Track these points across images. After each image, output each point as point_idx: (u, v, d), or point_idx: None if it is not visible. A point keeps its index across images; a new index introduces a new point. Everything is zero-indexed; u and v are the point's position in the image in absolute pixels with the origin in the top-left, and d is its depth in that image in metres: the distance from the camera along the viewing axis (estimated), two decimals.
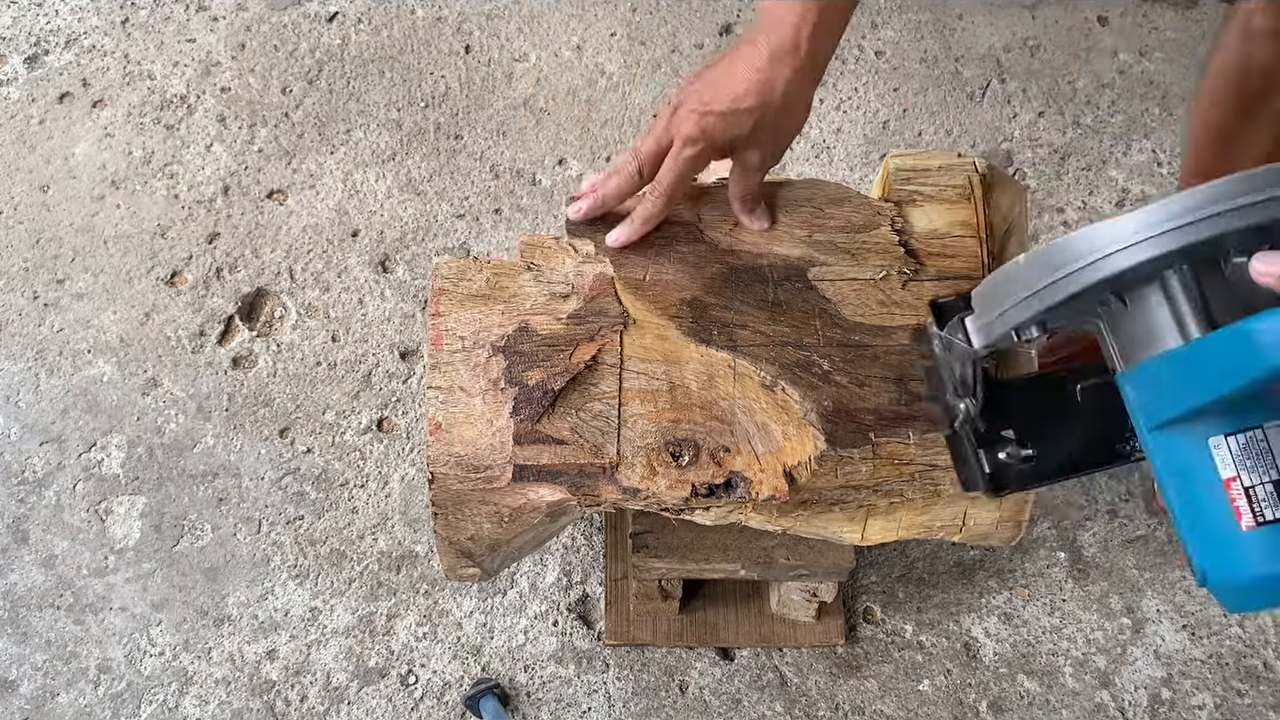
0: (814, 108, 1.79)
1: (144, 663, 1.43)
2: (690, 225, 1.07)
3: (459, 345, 1.01)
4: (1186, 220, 0.72)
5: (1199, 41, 1.87)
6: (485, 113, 1.79)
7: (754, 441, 0.99)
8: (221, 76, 1.81)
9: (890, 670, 1.43)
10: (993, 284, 0.85)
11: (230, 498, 1.51)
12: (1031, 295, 0.79)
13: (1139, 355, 0.79)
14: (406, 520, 1.50)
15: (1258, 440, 0.74)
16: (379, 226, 1.70)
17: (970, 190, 1.07)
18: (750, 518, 1.05)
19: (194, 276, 1.65)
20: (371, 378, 1.59)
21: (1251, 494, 0.74)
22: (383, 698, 1.41)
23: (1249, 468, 0.74)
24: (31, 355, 1.59)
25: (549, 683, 1.42)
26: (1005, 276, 0.83)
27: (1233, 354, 0.70)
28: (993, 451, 0.94)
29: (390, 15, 1.87)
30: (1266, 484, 0.74)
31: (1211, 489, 0.75)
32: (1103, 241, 0.75)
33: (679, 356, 1.01)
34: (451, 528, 1.03)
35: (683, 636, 1.42)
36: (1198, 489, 0.77)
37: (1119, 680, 1.43)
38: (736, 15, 1.88)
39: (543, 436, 0.99)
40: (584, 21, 1.88)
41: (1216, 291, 0.75)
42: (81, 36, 1.84)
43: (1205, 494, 0.76)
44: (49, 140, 1.75)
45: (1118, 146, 1.78)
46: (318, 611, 1.45)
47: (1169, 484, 0.79)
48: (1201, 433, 0.76)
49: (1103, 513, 1.52)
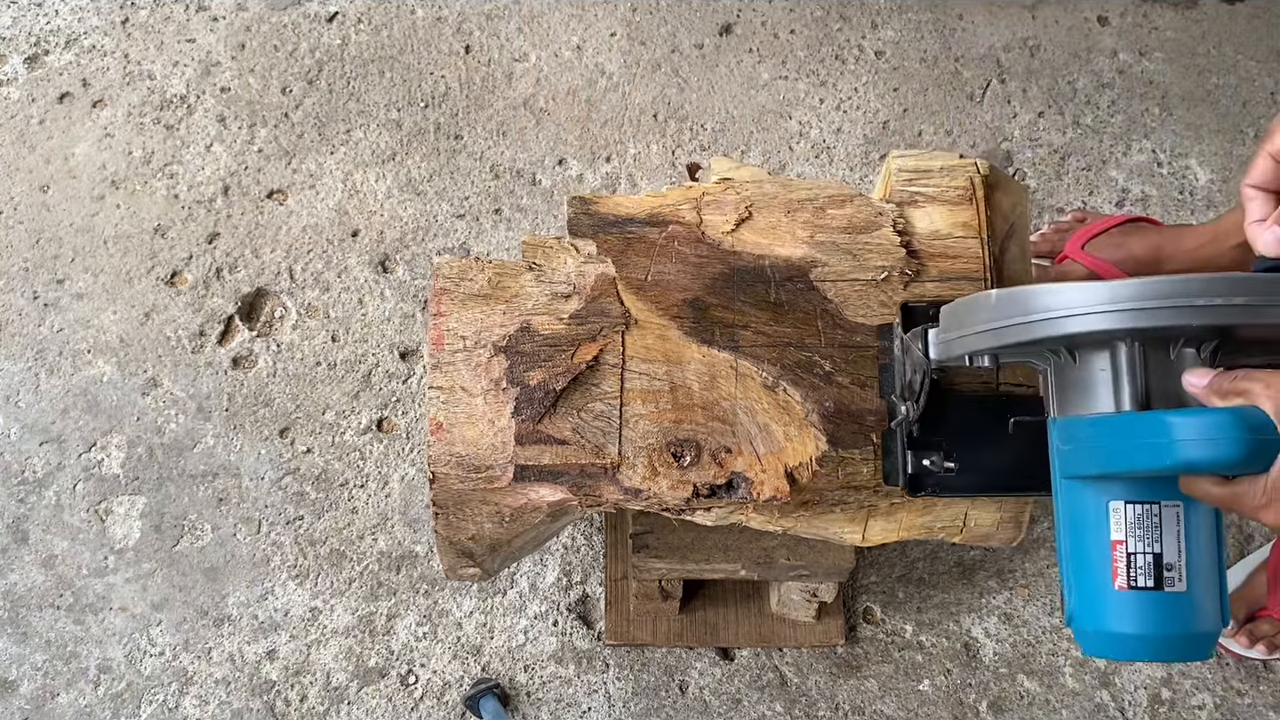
0: (814, 108, 1.80)
1: (144, 663, 1.42)
2: (692, 225, 1.07)
3: (460, 345, 1.01)
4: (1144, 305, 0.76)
5: (1199, 41, 1.87)
6: (485, 113, 1.79)
7: (755, 442, 0.99)
8: (221, 76, 1.81)
9: (890, 670, 1.43)
10: (962, 307, 0.88)
11: (230, 498, 1.51)
12: (992, 329, 0.83)
13: (1073, 409, 0.84)
14: (406, 520, 1.50)
15: (1151, 514, 0.81)
16: (379, 226, 1.69)
17: (972, 191, 1.07)
18: (751, 518, 1.05)
19: (194, 276, 1.65)
20: (371, 378, 1.59)
21: (1131, 560, 0.81)
22: (383, 698, 1.41)
23: (1137, 536, 0.81)
24: (31, 355, 1.59)
25: (549, 683, 1.42)
26: (974, 305, 0.86)
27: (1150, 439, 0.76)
28: (919, 456, 0.98)
29: (390, 15, 1.87)
30: (1147, 555, 0.80)
31: (1100, 545, 0.82)
32: (1066, 302, 0.78)
33: (681, 357, 1.01)
34: (452, 527, 1.03)
35: (683, 636, 1.42)
36: (1088, 541, 0.83)
37: (1119, 680, 1.43)
38: (736, 15, 1.88)
39: (544, 436, 0.99)
40: (584, 21, 1.88)
41: (1158, 373, 0.80)
42: (81, 36, 1.84)
43: (1093, 547, 0.82)
44: (49, 140, 1.75)
45: (1118, 146, 1.78)
46: (318, 611, 1.45)
47: (1065, 529, 0.85)
48: (1106, 493, 0.82)
49: None
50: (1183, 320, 0.75)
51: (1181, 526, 0.80)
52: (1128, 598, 0.80)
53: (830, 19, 1.89)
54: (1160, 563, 0.80)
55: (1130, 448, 0.77)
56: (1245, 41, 1.87)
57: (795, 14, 1.89)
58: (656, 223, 1.07)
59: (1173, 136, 1.79)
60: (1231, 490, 0.74)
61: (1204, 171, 1.76)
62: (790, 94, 1.82)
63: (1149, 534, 0.80)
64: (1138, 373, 0.79)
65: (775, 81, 1.83)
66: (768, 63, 1.85)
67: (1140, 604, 0.80)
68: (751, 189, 1.09)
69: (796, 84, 1.83)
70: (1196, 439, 0.72)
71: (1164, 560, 0.80)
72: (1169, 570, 0.80)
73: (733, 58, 1.85)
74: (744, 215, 1.07)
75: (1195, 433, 0.73)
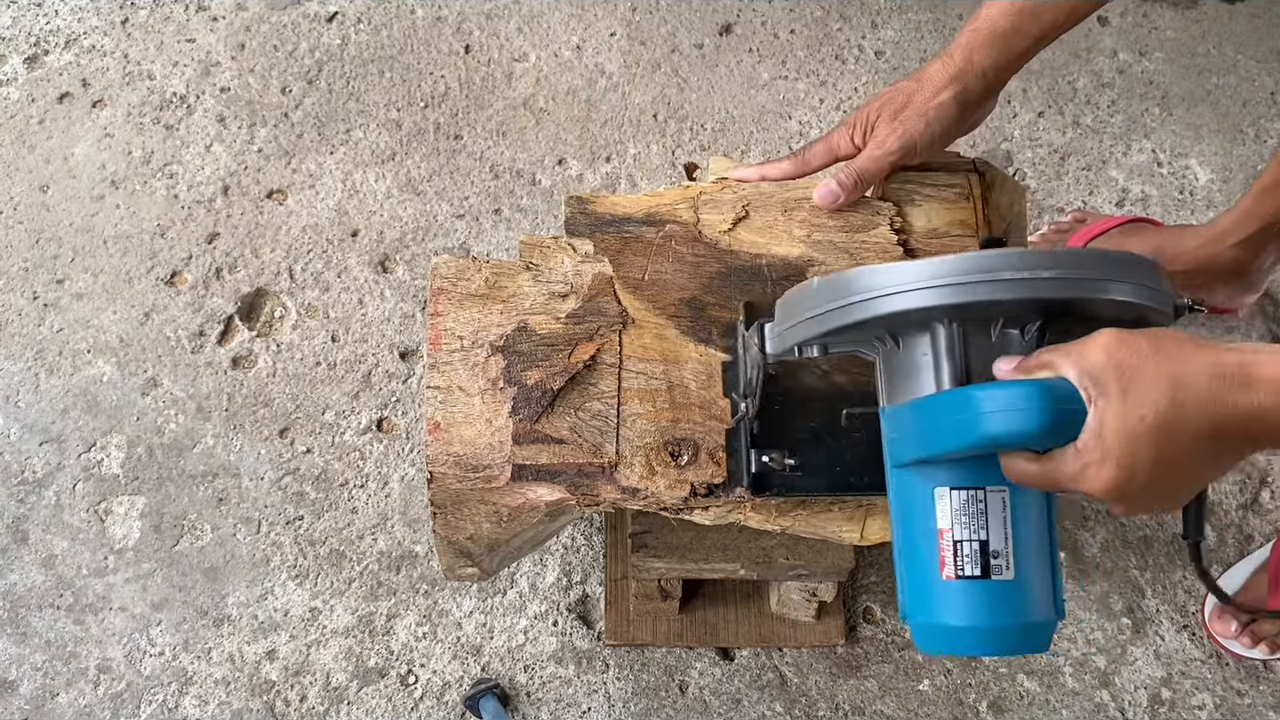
0: (814, 108, 1.80)
1: (144, 663, 1.43)
2: (689, 225, 1.07)
3: (458, 345, 1.01)
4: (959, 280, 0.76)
5: (1199, 41, 1.87)
6: (485, 113, 1.79)
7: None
8: (221, 76, 1.81)
9: (890, 670, 1.43)
10: (791, 298, 0.87)
11: (230, 498, 1.51)
12: (815, 317, 0.82)
13: (900, 396, 0.83)
14: (406, 520, 1.50)
15: (977, 500, 0.79)
16: (379, 226, 1.70)
17: (969, 190, 1.07)
18: (749, 517, 1.05)
19: (194, 276, 1.65)
20: (371, 378, 1.59)
21: (958, 548, 0.79)
22: (383, 698, 1.41)
23: (964, 523, 0.79)
24: (31, 355, 1.59)
25: (549, 683, 1.42)
26: (799, 294, 0.85)
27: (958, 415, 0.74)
28: (761, 454, 0.97)
29: (390, 15, 1.87)
30: (974, 542, 0.79)
31: (928, 534, 0.80)
32: (884, 281, 0.78)
33: (678, 356, 1.01)
34: (450, 527, 1.03)
35: (683, 636, 1.42)
36: (916, 531, 0.82)
37: (1119, 680, 1.43)
38: (736, 15, 1.88)
39: (542, 436, 0.99)
40: (584, 21, 1.88)
41: (979, 355, 0.79)
42: (81, 36, 1.84)
43: (921, 538, 0.81)
44: (49, 140, 1.75)
45: (1118, 146, 1.78)
46: (317, 611, 1.45)
47: (897, 521, 0.84)
48: (931, 480, 0.80)
49: (1102, 513, 1.52)
50: (994, 295, 0.75)
51: (1008, 512, 0.79)
52: (955, 588, 0.79)
53: (830, 19, 1.88)
54: (986, 550, 0.78)
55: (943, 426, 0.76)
56: (1245, 41, 1.87)
57: (795, 14, 1.89)
58: (654, 222, 1.07)
59: (1173, 136, 1.79)
60: (1044, 466, 0.73)
61: (1204, 171, 1.75)
62: (790, 94, 1.82)
63: (975, 521, 0.79)
64: (956, 353, 0.79)
65: (775, 81, 1.83)
66: (768, 63, 1.85)
67: (968, 594, 0.79)
68: (749, 188, 1.09)
69: (796, 84, 1.83)
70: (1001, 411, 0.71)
71: (990, 547, 0.78)
72: (995, 558, 0.78)
73: (733, 58, 1.85)
74: (741, 215, 1.07)
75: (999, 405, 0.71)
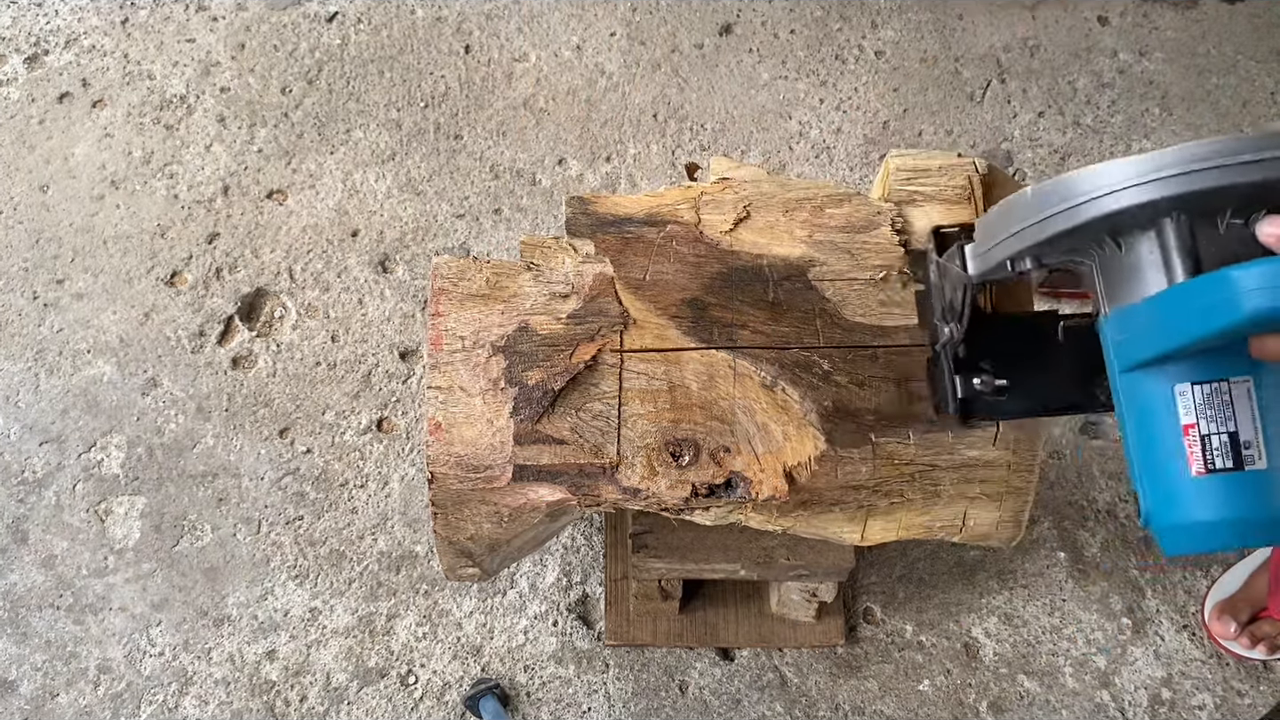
0: (814, 108, 1.80)
1: (144, 663, 1.42)
2: (690, 225, 1.07)
3: (459, 345, 1.01)
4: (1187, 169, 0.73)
5: (1199, 41, 1.87)
6: (485, 113, 1.79)
7: (754, 441, 0.99)
8: (221, 76, 1.81)
9: (890, 670, 1.43)
10: (996, 213, 0.86)
11: (230, 498, 1.51)
12: (1031, 226, 0.81)
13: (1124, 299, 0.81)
14: (406, 520, 1.50)
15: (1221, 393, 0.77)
16: (379, 226, 1.69)
17: (970, 190, 1.07)
18: (750, 518, 1.05)
19: (194, 276, 1.65)
20: (371, 378, 1.59)
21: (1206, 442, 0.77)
22: (383, 698, 1.41)
23: (1209, 417, 0.77)
24: (31, 355, 1.59)
25: (549, 683, 1.42)
26: (1009, 206, 0.84)
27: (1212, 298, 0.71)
28: (968, 378, 0.96)
29: (390, 15, 1.87)
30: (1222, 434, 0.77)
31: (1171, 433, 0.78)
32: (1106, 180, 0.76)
33: (679, 356, 1.01)
34: (451, 527, 1.02)
35: (683, 637, 1.42)
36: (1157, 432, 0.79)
37: (1119, 680, 1.43)
38: (736, 15, 1.88)
39: (543, 436, 0.99)
40: (584, 21, 1.88)
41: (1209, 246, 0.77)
42: (81, 36, 1.84)
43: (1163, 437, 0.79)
44: (49, 140, 1.75)
45: (1118, 146, 1.78)
46: (317, 612, 1.45)
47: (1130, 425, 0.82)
48: (1170, 377, 0.78)
49: (1102, 513, 1.52)
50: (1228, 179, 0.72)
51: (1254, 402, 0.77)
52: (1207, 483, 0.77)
53: (830, 19, 1.88)
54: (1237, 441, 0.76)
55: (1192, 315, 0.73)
56: (1245, 41, 1.87)
57: (795, 14, 1.89)
58: (655, 222, 1.07)
59: (1173, 136, 1.78)
60: None
61: None
62: (790, 94, 1.82)
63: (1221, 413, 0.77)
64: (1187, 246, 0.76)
65: (775, 81, 1.83)
66: (768, 63, 1.85)
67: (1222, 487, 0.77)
68: (750, 189, 1.09)
69: (796, 84, 1.83)
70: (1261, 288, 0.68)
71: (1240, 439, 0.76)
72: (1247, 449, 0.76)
73: (733, 58, 1.85)
74: (742, 215, 1.07)
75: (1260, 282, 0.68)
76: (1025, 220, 0.81)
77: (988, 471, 1.04)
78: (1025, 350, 0.97)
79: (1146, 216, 0.77)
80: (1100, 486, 1.54)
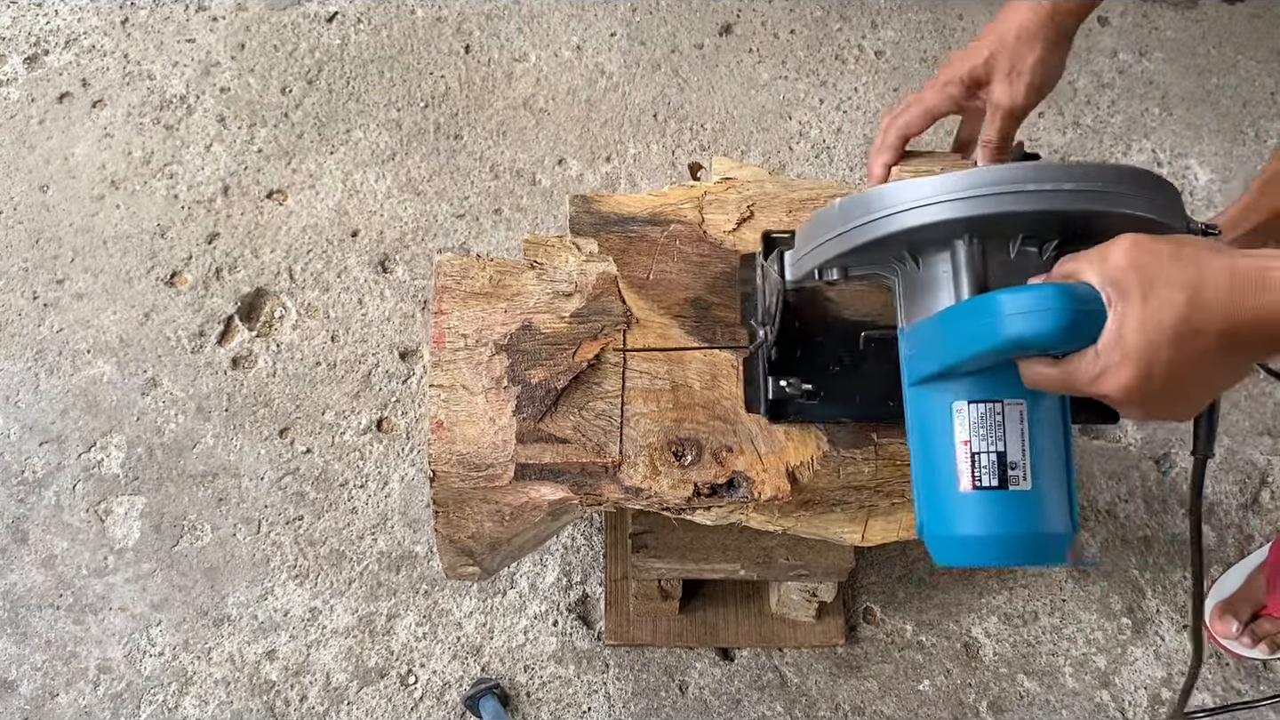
0: (814, 108, 1.80)
1: (144, 663, 1.42)
2: (693, 224, 1.07)
3: (462, 343, 1.01)
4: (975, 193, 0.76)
5: (1199, 41, 1.87)
6: (485, 113, 1.79)
7: (757, 441, 0.99)
8: (221, 76, 1.81)
9: (890, 670, 1.43)
10: (812, 222, 0.88)
11: (230, 498, 1.51)
12: (837, 237, 0.83)
13: (919, 313, 0.84)
14: (406, 520, 1.50)
15: (995, 413, 0.80)
16: (379, 226, 1.69)
17: None
18: (751, 518, 1.05)
19: (194, 276, 1.65)
20: (371, 378, 1.59)
21: (976, 460, 0.80)
22: (383, 698, 1.41)
23: (981, 435, 0.80)
24: (31, 355, 1.59)
25: (549, 683, 1.42)
26: (822, 217, 0.86)
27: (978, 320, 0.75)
28: (779, 381, 0.97)
29: (390, 15, 1.87)
30: (991, 453, 0.80)
31: (946, 448, 0.82)
32: (903, 198, 0.79)
33: (682, 356, 1.01)
34: (452, 526, 1.02)
35: (683, 637, 1.42)
36: (935, 446, 0.83)
37: (1119, 680, 1.43)
38: (736, 15, 1.88)
39: (545, 435, 0.98)
40: (584, 21, 1.88)
41: (998, 271, 0.80)
42: (81, 36, 1.84)
43: (940, 452, 0.82)
44: (49, 140, 1.75)
45: (1118, 146, 1.78)
46: (317, 612, 1.45)
47: (914, 438, 0.85)
48: (950, 394, 0.81)
49: (1103, 513, 1.52)
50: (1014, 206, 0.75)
51: (1025, 424, 0.80)
52: (974, 498, 0.80)
53: (830, 19, 1.89)
54: (1004, 461, 0.79)
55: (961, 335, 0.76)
56: (1245, 41, 1.87)
57: (795, 14, 1.89)
58: (658, 222, 1.07)
59: (1173, 136, 1.79)
60: (1064, 369, 0.73)
61: (1204, 171, 1.76)
62: (790, 94, 1.82)
63: (992, 433, 0.80)
64: (976, 268, 0.79)
65: (775, 81, 1.83)
66: (768, 63, 1.85)
67: (986, 504, 0.80)
68: (753, 188, 1.09)
69: (796, 84, 1.83)
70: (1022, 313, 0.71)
71: (1008, 459, 0.79)
72: (1013, 469, 0.79)
73: (733, 58, 1.85)
74: (746, 214, 1.07)
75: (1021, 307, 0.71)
76: (832, 231, 0.83)
77: None
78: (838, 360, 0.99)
79: (941, 236, 0.80)
80: (1100, 487, 1.54)
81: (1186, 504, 1.51)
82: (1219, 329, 0.67)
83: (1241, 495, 1.53)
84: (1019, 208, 0.76)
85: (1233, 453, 1.55)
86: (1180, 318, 0.67)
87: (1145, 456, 1.55)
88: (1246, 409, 1.58)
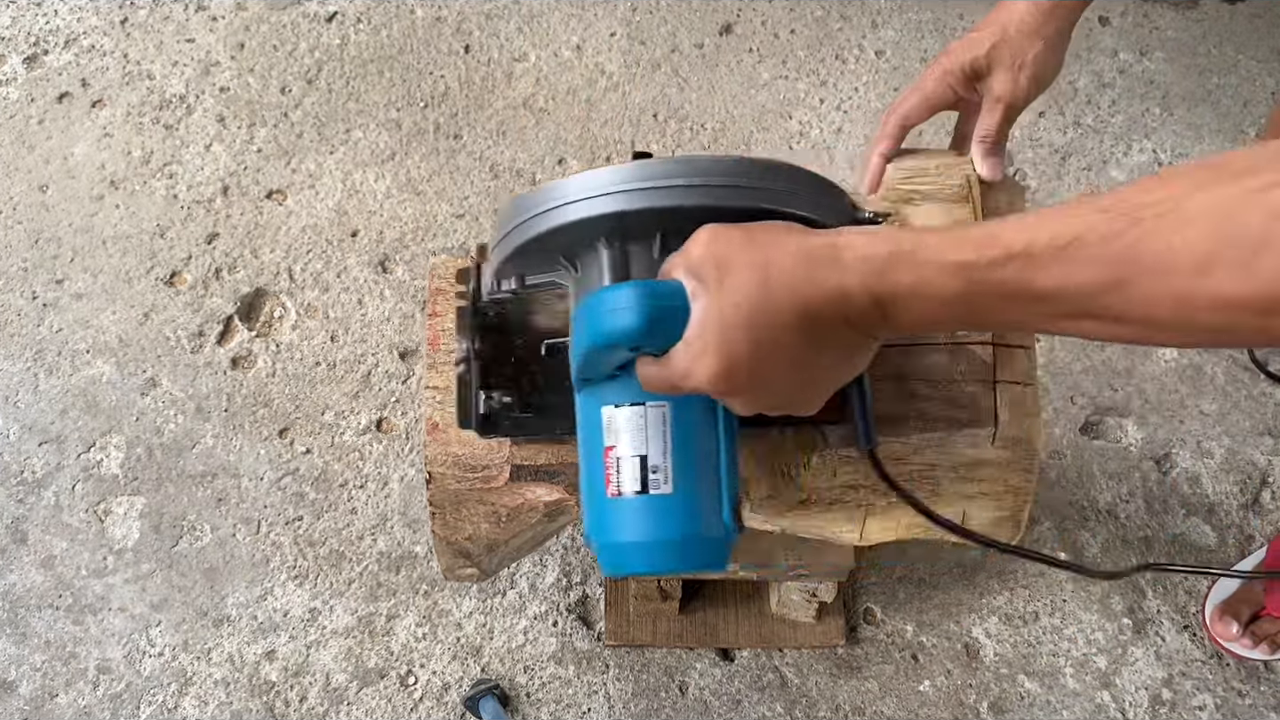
0: (814, 108, 1.80)
1: (143, 663, 1.42)
2: None
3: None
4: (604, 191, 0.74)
5: (1199, 41, 1.87)
6: (485, 113, 1.79)
7: (752, 439, 0.99)
8: (221, 76, 1.81)
9: (891, 671, 1.43)
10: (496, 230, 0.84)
11: (229, 498, 1.51)
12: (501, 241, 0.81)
13: None
14: (406, 521, 1.50)
15: (639, 416, 0.78)
16: (378, 226, 1.69)
17: (968, 189, 1.07)
18: (749, 518, 1.05)
19: (193, 277, 1.65)
20: (371, 378, 1.59)
21: (620, 465, 0.78)
22: (382, 698, 1.41)
23: (626, 440, 0.78)
24: (31, 355, 1.59)
25: (549, 683, 1.42)
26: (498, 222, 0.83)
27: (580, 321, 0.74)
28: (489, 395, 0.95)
29: (390, 15, 1.87)
30: (635, 458, 0.78)
31: (598, 454, 0.80)
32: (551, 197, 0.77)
33: None
34: (449, 527, 1.02)
35: (683, 637, 1.42)
36: (591, 452, 0.81)
37: (1120, 681, 1.43)
38: (736, 15, 1.88)
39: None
40: (584, 21, 1.88)
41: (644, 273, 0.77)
42: (81, 36, 1.84)
43: (595, 458, 0.80)
44: (48, 140, 1.75)
45: (1118, 146, 1.78)
46: (317, 612, 1.45)
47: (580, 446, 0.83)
48: (601, 400, 0.79)
49: (1103, 513, 1.52)
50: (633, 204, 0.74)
51: (668, 427, 0.78)
52: (621, 504, 0.78)
53: (830, 19, 1.88)
54: (645, 465, 0.78)
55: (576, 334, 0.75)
56: (1246, 41, 1.87)
57: (795, 14, 1.89)
58: None
59: (1173, 136, 1.78)
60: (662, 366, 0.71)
61: None
62: (790, 94, 1.82)
63: (637, 437, 0.78)
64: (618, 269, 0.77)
65: (775, 81, 1.83)
66: (768, 62, 1.84)
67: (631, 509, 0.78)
68: None
69: (796, 84, 1.83)
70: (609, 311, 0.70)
71: (649, 463, 0.78)
72: (654, 473, 0.78)
73: (733, 57, 1.85)
74: None
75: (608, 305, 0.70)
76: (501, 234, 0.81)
77: (987, 470, 1.04)
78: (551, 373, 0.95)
79: (586, 237, 0.78)
80: (1101, 487, 1.53)
81: (1187, 505, 1.51)
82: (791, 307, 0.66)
83: (1242, 495, 1.53)
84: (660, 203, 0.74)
85: (1233, 453, 1.55)
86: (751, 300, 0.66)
87: (1146, 457, 1.55)
88: (1247, 409, 1.57)
